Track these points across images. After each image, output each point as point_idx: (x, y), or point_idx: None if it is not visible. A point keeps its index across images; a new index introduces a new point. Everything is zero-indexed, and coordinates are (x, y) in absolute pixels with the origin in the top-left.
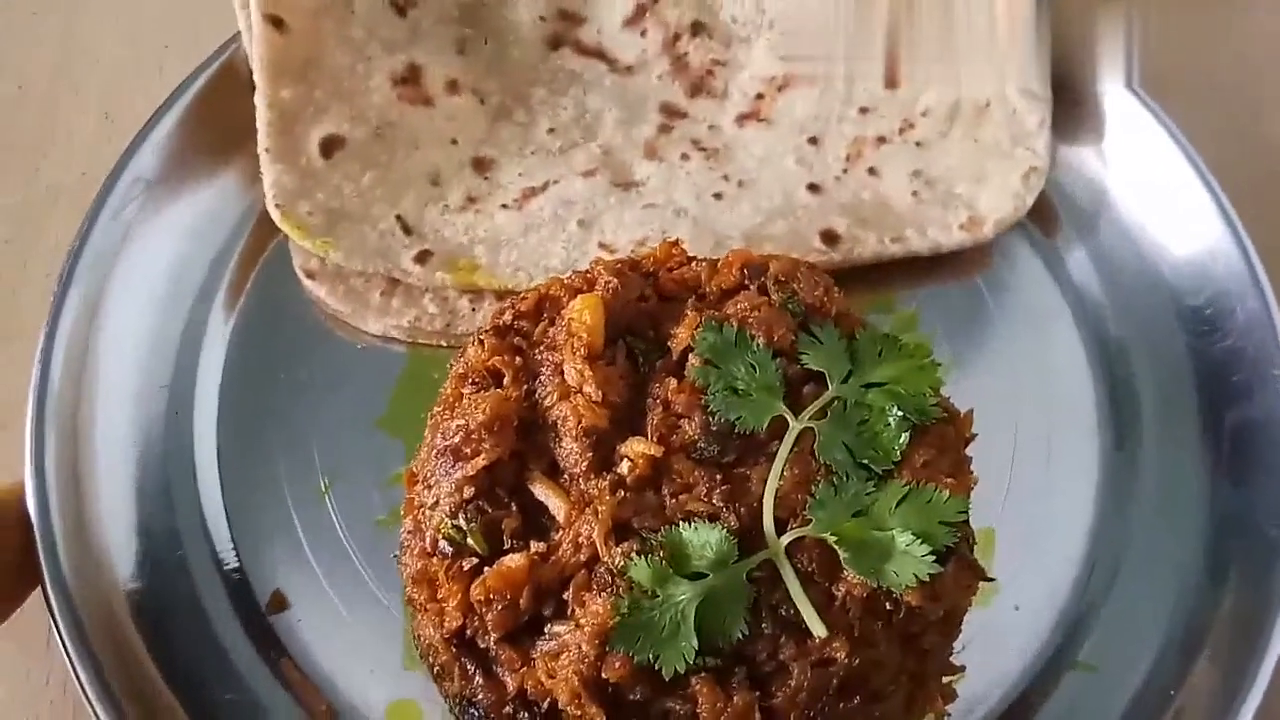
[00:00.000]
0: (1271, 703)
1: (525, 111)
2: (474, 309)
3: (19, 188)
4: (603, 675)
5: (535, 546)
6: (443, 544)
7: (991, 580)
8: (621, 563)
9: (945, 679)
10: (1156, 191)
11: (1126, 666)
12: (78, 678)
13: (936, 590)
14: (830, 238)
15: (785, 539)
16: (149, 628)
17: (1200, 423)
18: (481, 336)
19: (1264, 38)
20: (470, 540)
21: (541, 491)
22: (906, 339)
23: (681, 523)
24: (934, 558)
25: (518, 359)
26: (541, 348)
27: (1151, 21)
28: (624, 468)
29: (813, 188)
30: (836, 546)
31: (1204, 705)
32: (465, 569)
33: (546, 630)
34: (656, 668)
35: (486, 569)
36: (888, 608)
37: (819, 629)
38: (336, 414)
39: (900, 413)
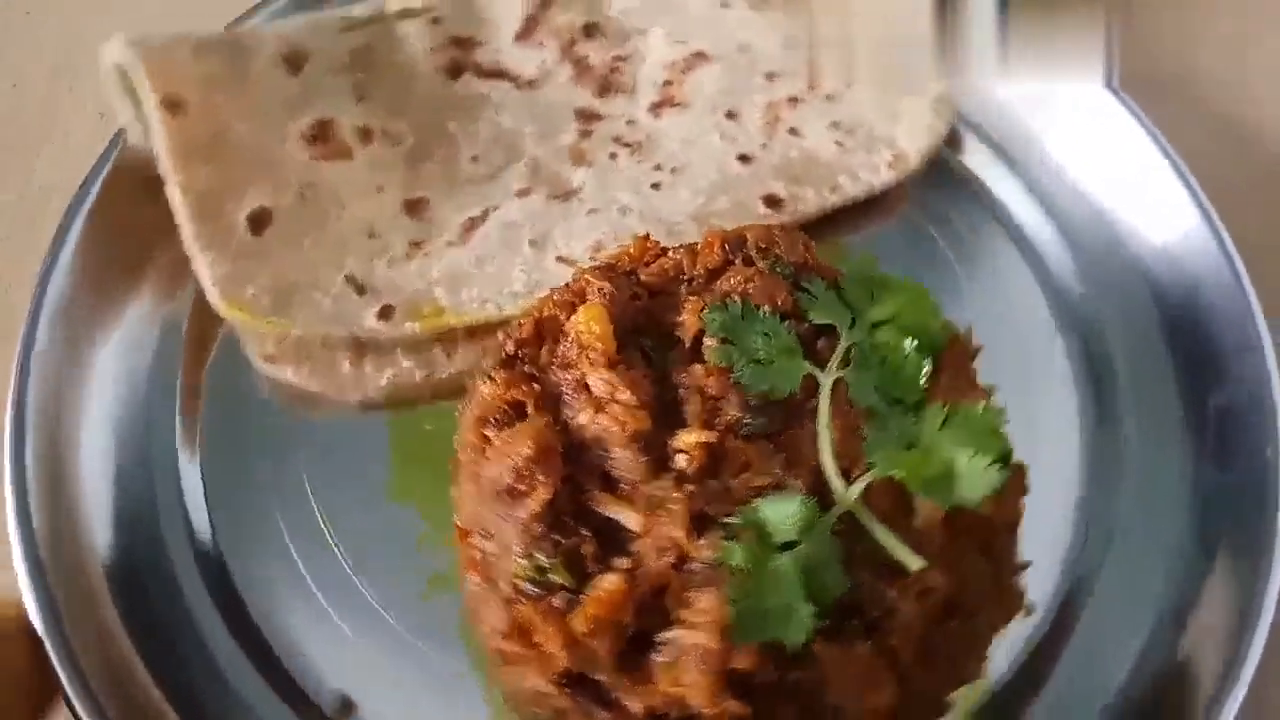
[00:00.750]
0: (1266, 661)
1: (443, 145)
2: (448, 354)
3: (14, 187)
4: (733, 667)
5: (620, 563)
6: (526, 587)
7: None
8: (713, 554)
9: (1017, 577)
10: (1133, 187)
11: (1126, 626)
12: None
13: (1003, 496)
14: (773, 201)
15: (856, 488)
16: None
17: (1180, 400)
18: (491, 374)
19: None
20: (554, 575)
21: (609, 508)
22: (886, 276)
23: (758, 500)
24: (999, 465)
25: (535, 386)
26: (554, 369)
27: (1131, 21)
28: (681, 462)
29: (743, 158)
30: (904, 481)
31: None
32: (557, 605)
33: (657, 641)
34: (780, 645)
35: (576, 599)
36: (965, 524)
37: (914, 562)
38: (340, 495)
39: (914, 343)
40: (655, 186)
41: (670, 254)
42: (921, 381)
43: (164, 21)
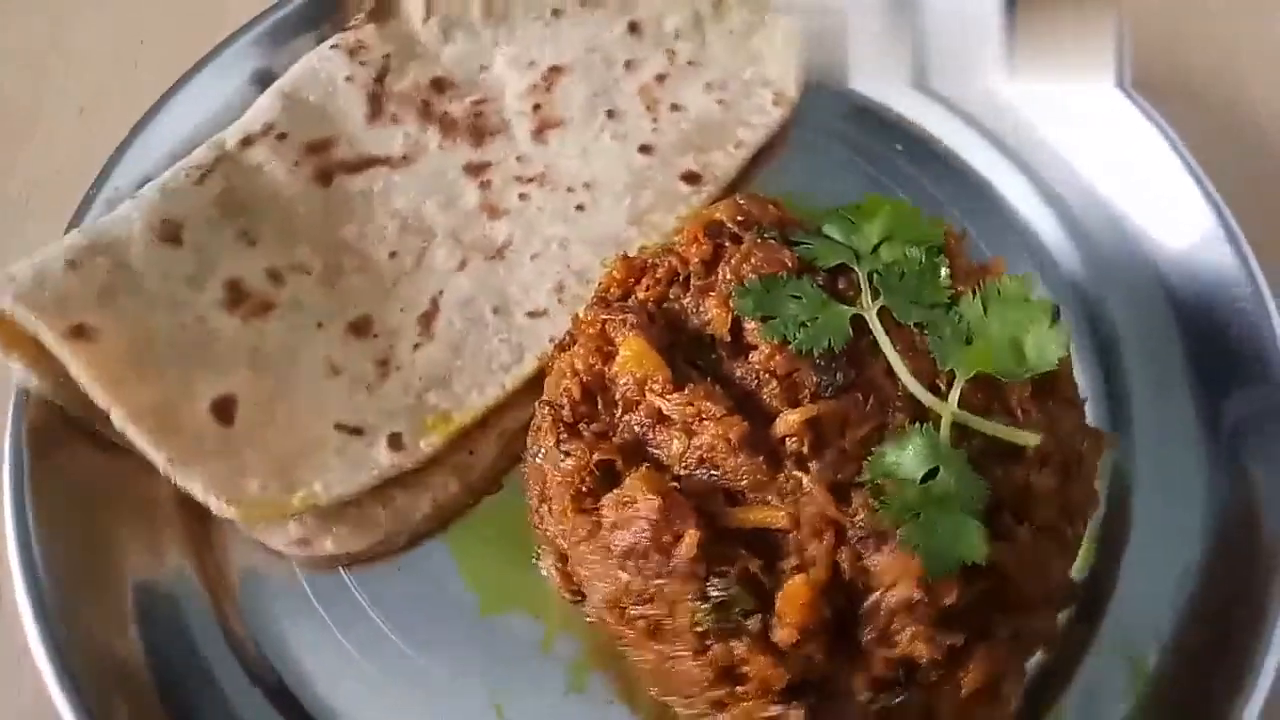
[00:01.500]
0: None
1: (353, 255)
2: (471, 452)
3: None
4: (943, 604)
5: (787, 564)
6: (714, 628)
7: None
8: (867, 515)
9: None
10: (1147, 187)
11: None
12: None
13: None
14: (692, 178)
15: (953, 398)
16: None
17: (1194, 405)
18: (566, 448)
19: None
20: (738, 605)
21: (751, 518)
22: (848, 206)
23: (876, 449)
24: (1054, 321)
25: (613, 440)
26: (618, 416)
27: (1141, 21)
28: (791, 445)
29: (644, 149)
30: (990, 373)
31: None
32: (755, 631)
33: (859, 617)
34: (970, 564)
35: (767, 618)
36: (1045, 384)
37: (1031, 439)
38: (440, 634)
39: (919, 249)
40: (579, 209)
41: (651, 263)
42: (944, 281)
43: (141, 16)
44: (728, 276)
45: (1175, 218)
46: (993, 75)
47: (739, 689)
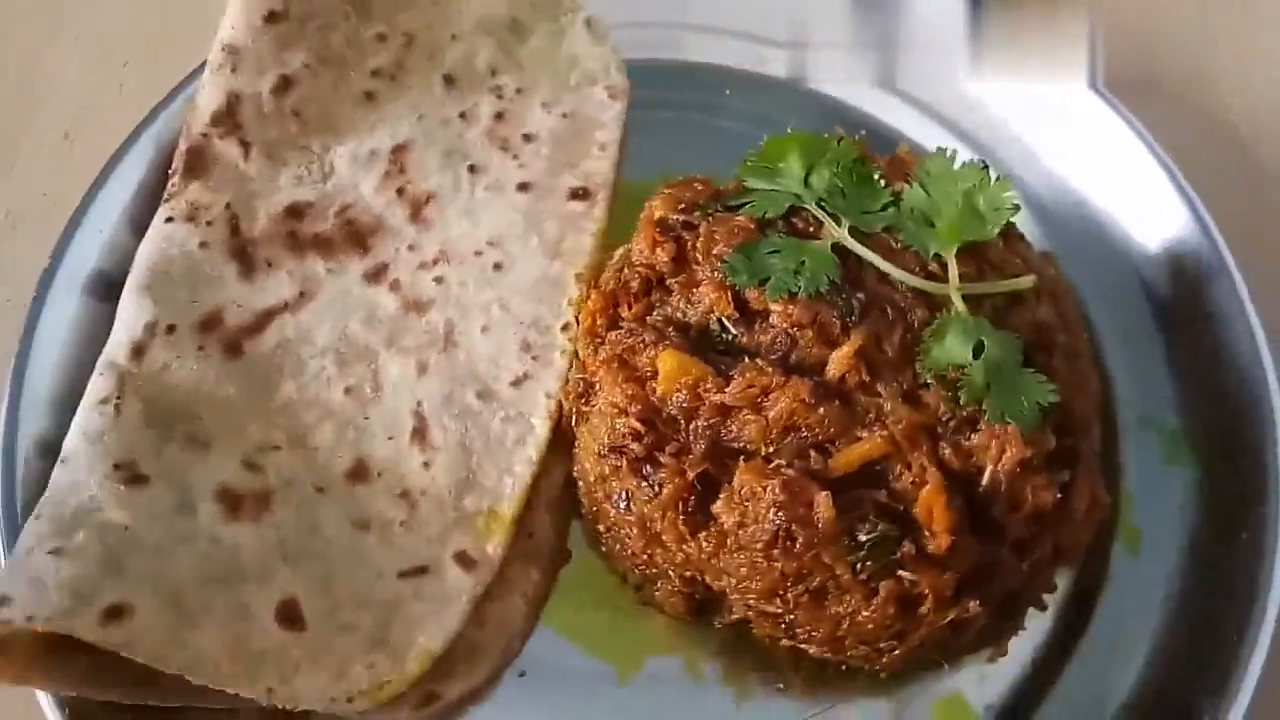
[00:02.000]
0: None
1: (304, 410)
2: (531, 534)
3: None
4: (1047, 450)
5: (905, 480)
6: (879, 566)
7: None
8: (950, 408)
9: None
10: (1121, 185)
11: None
12: None
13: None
14: (580, 194)
15: (953, 275)
16: None
17: (1175, 400)
18: (656, 479)
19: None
20: (889, 533)
21: (854, 458)
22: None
23: (921, 346)
24: (994, 177)
25: (696, 448)
26: (685, 428)
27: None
28: (851, 379)
29: (522, 187)
30: (965, 242)
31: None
32: (913, 553)
33: (984, 497)
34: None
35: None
36: (1009, 237)
37: (1026, 281)
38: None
39: (845, 166)
40: (497, 267)
41: (621, 282)
42: (880, 181)
43: (125, 40)
44: (706, 259)
45: (1150, 214)
46: (964, 76)
47: (919, 611)
